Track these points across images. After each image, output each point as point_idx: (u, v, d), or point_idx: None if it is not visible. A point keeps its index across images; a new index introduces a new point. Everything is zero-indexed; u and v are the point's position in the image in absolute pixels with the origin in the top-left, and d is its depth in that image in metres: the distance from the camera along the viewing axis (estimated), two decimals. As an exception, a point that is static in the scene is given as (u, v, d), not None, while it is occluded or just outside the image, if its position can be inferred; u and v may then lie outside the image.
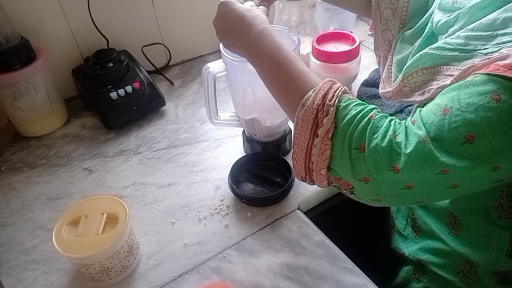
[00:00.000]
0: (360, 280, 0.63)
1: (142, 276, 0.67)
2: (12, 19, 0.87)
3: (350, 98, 0.51)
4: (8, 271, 0.69)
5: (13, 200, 0.81)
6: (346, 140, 0.49)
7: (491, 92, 0.42)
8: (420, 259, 0.68)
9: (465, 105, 0.44)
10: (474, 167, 0.44)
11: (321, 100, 0.50)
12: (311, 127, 0.51)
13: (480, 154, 0.43)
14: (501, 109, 0.42)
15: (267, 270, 0.65)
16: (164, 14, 1.11)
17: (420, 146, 0.45)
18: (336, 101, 0.50)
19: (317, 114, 0.50)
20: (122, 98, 0.96)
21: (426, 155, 0.45)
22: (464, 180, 0.46)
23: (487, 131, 0.42)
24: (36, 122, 0.95)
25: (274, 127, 0.82)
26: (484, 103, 0.42)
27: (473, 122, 0.43)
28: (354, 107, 0.50)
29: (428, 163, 0.45)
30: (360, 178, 0.49)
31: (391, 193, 0.49)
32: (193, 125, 0.97)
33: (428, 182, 0.47)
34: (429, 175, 0.46)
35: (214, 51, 1.24)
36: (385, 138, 0.47)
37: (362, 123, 0.48)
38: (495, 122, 0.42)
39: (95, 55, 0.99)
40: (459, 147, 0.44)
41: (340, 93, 0.51)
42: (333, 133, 0.49)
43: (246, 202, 0.76)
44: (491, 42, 0.48)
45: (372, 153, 0.47)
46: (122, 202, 0.65)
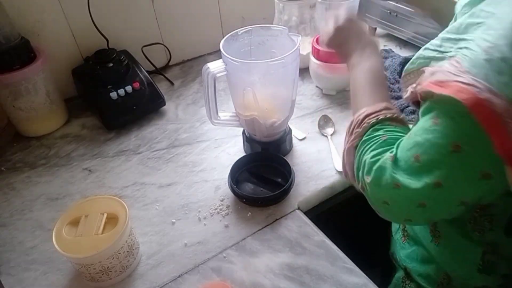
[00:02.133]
0: (360, 280, 0.63)
1: (142, 276, 0.67)
2: (12, 19, 0.87)
3: (391, 124, 0.56)
4: (8, 271, 0.69)
5: (13, 200, 0.81)
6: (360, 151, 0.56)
7: (432, 117, 0.47)
8: (407, 267, 0.69)
9: (418, 130, 0.49)
10: (419, 181, 0.47)
11: (364, 117, 0.57)
12: (349, 135, 0.59)
13: (424, 171, 0.47)
14: (437, 131, 0.46)
15: (267, 270, 0.65)
16: (164, 14, 1.11)
17: (383, 163, 0.51)
18: (372, 121, 0.56)
19: (355, 126, 0.58)
20: (122, 98, 0.96)
21: (385, 170, 0.51)
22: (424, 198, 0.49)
23: (428, 150, 0.47)
24: (36, 122, 0.95)
25: (274, 127, 0.82)
26: (427, 127, 0.47)
27: (419, 143, 0.48)
28: (383, 131, 0.55)
29: (385, 177, 0.50)
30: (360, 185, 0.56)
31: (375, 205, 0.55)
32: (193, 125, 0.97)
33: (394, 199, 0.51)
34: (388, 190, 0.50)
35: (214, 51, 1.24)
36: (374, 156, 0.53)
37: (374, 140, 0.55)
38: (434, 142, 0.46)
39: (95, 55, 0.99)
40: (409, 165, 0.49)
41: (383, 117, 0.56)
42: (356, 144, 0.57)
43: (246, 202, 0.76)
44: (455, 45, 0.49)
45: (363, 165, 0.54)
46: (122, 202, 0.65)
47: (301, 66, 1.10)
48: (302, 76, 1.10)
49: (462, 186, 0.46)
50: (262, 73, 0.74)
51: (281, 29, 0.78)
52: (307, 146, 0.88)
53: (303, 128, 0.93)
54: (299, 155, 0.87)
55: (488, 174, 0.44)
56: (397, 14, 1.12)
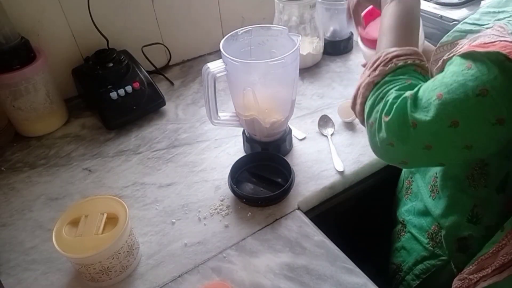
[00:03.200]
0: (360, 280, 0.63)
1: (142, 276, 0.67)
2: (12, 19, 0.87)
3: (416, 71, 0.57)
4: (8, 271, 0.69)
5: (13, 200, 0.81)
6: (380, 90, 0.56)
7: (466, 62, 0.49)
8: (404, 219, 0.74)
9: (447, 73, 0.51)
10: (436, 121, 0.49)
11: (392, 57, 0.58)
12: (372, 70, 0.59)
13: (443, 108, 0.49)
14: (469, 74, 0.48)
15: (267, 270, 0.65)
16: (164, 14, 1.11)
17: (403, 100, 0.53)
18: (400, 64, 0.57)
19: (381, 63, 0.58)
20: (122, 98, 0.96)
21: (405, 109, 0.52)
22: (433, 139, 0.51)
23: (454, 90, 0.49)
24: (36, 122, 0.95)
25: (274, 127, 0.82)
26: (458, 70, 0.49)
27: (446, 83, 0.50)
28: (408, 75, 0.56)
29: (404, 117, 0.52)
30: (369, 121, 0.57)
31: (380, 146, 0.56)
32: (193, 125, 0.97)
33: (404, 139, 0.53)
34: (404, 130, 0.52)
35: (214, 51, 1.24)
36: (397, 97, 0.53)
37: (399, 82, 0.56)
38: (462, 83, 0.48)
39: (95, 55, 0.99)
40: (430, 103, 0.50)
41: (411, 62, 0.57)
42: (378, 81, 0.57)
43: (246, 202, 0.76)
44: (495, 17, 0.52)
45: (383, 104, 0.55)
46: (122, 202, 0.65)
47: (301, 66, 1.10)
48: (302, 76, 1.10)
49: (476, 129, 0.49)
50: (262, 73, 0.74)
51: (281, 29, 0.78)
52: (307, 146, 0.88)
53: (303, 128, 0.93)
54: (299, 155, 0.87)
55: (502, 119, 0.47)
56: (397, 14, 1.12)
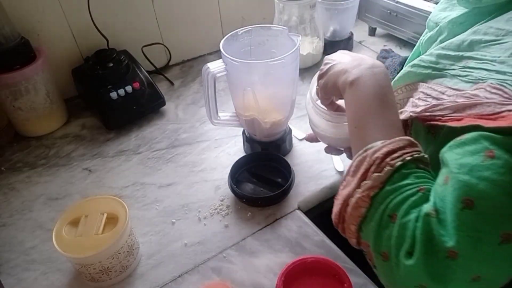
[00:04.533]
0: (360, 280, 0.63)
1: (142, 276, 0.66)
2: (12, 19, 0.87)
3: (420, 169, 0.44)
4: (8, 271, 0.69)
5: (13, 200, 0.81)
6: (384, 204, 0.42)
7: (482, 150, 0.38)
8: None
9: (459, 168, 0.39)
10: (482, 243, 0.37)
11: (383, 156, 0.44)
12: (360, 177, 0.45)
13: (484, 221, 0.37)
14: (497, 165, 0.37)
15: (267, 270, 0.65)
16: (164, 14, 1.11)
17: (426, 222, 0.39)
18: (398, 164, 0.43)
19: (370, 167, 0.44)
20: (122, 98, 0.96)
21: (432, 232, 0.38)
22: (482, 266, 0.37)
23: (487, 193, 0.37)
24: (36, 122, 0.95)
25: (274, 127, 0.82)
26: (477, 163, 0.38)
27: (469, 184, 0.37)
28: (413, 178, 0.43)
29: (434, 243, 0.38)
30: (380, 251, 0.42)
31: (402, 286, 0.42)
32: (193, 125, 0.97)
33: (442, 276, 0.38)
34: (440, 264, 0.38)
35: (214, 51, 1.24)
36: (418, 211, 0.41)
37: (408, 192, 0.42)
38: (495, 179, 0.37)
39: (95, 55, 0.99)
40: (460, 216, 0.37)
41: (410, 158, 0.43)
42: (375, 194, 0.43)
43: (246, 202, 0.76)
44: (459, 63, 0.47)
45: (400, 229, 0.40)
46: (122, 202, 0.65)
47: (301, 66, 1.10)
48: (302, 76, 1.10)
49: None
50: (262, 73, 0.74)
51: (281, 29, 0.78)
52: (307, 146, 0.88)
53: (303, 128, 0.93)
54: (299, 155, 0.87)
55: None
56: (397, 14, 1.12)
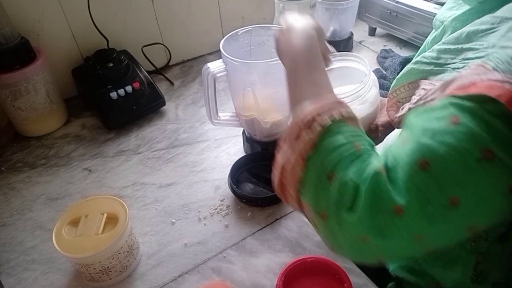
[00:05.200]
0: (360, 280, 0.63)
1: (142, 276, 0.66)
2: (12, 19, 0.87)
3: (348, 126, 0.44)
4: (8, 271, 0.69)
5: (13, 200, 0.81)
6: (319, 165, 0.42)
7: (448, 116, 0.38)
8: (398, 276, 0.67)
9: (423, 131, 0.39)
10: (429, 203, 0.37)
11: (312, 116, 0.44)
12: (293, 141, 0.44)
13: (435, 184, 0.37)
14: (460, 132, 0.37)
15: (267, 270, 0.65)
16: (164, 14, 1.11)
17: (375, 179, 0.39)
18: (328, 122, 0.43)
19: (302, 129, 0.44)
20: (122, 98, 0.96)
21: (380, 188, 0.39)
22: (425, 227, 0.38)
23: (444, 157, 0.37)
24: (36, 122, 0.95)
25: (274, 127, 0.82)
26: (441, 127, 0.38)
27: (429, 147, 0.38)
28: (344, 136, 0.43)
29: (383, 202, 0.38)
30: (319, 211, 0.42)
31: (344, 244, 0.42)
32: (193, 125, 0.97)
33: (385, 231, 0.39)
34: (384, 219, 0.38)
35: (214, 51, 1.24)
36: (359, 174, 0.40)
37: (342, 150, 0.42)
38: (456, 145, 0.37)
39: (95, 55, 0.99)
40: (413, 176, 0.38)
41: (341, 117, 0.43)
42: (309, 155, 0.42)
43: (246, 202, 0.76)
44: (459, 56, 0.47)
45: (339, 187, 0.40)
46: (122, 202, 0.65)
47: (301, 66, 1.10)
48: (302, 76, 1.10)
49: (484, 205, 0.37)
50: (262, 73, 0.74)
51: (281, 29, 0.78)
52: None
53: (303, 128, 0.93)
54: (299, 155, 0.87)
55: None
56: (397, 14, 1.12)
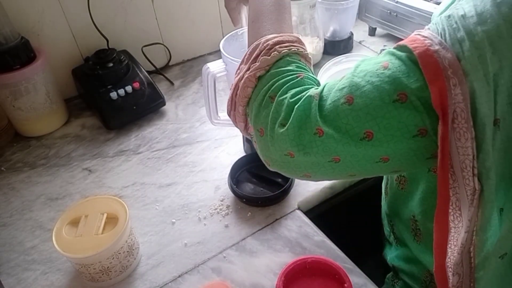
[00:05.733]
0: (360, 280, 0.63)
1: (142, 276, 0.66)
2: (12, 19, 0.87)
3: (301, 61, 0.50)
4: (8, 271, 0.69)
5: (13, 200, 0.81)
6: (267, 86, 0.48)
7: (382, 61, 0.43)
8: (394, 266, 0.68)
9: (358, 72, 0.44)
10: (346, 131, 0.43)
11: (273, 44, 0.49)
12: (251, 62, 0.50)
13: (354, 116, 0.42)
14: (385, 75, 0.42)
15: (267, 270, 0.65)
16: (164, 14, 1.11)
17: (307, 101, 0.45)
18: (284, 52, 0.49)
19: (261, 52, 0.50)
20: (122, 98, 0.96)
21: (309, 111, 0.44)
22: (342, 151, 0.44)
23: (367, 93, 0.42)
24: (36, 122, 0.95)
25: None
26: (373, 69, 0.43)
27: (358, 84, 0.43)
28: (295, 66, 0.49)
29: (309, 120, 0.44)
30: (258, 128, 0.48)
31: (275, 157, 0.48)
32: (193, 125, 0.97)
33: (308, 149, 0.44)
34: (307, 137, 0.44)
35: (214, 51, 1.24)
36: (296, 96, 0.46)
37: (289, 77, 0.48)
38: (378, 85, 0.42)
39: (95, 55, 0.99)
40: (338, 107, 0.43)
41: (295, 50, 0.50)
42: (261, 75, 0.49)
43: (246, 202, 0.76)
44: None
45: (276, 105, 0.46)
46: (122, 202, 0.65)
47: (301, 66, 1.10)
48: (302, 76, 1.10)
49: (394, 141, 0.42)
50: (262, 73, 0.74)
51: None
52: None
53: (303, 128, 0.93)
54: (299, 155, 0.87)
55: (424, 130, 0.41)
56: (397, 14, 1.12)
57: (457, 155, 0.40)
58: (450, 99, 0.39)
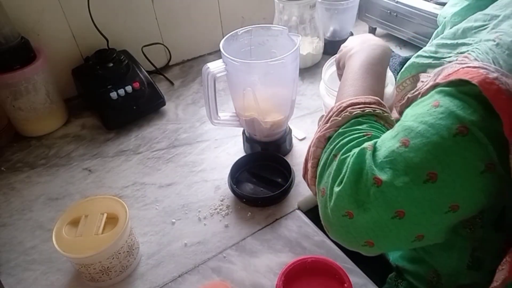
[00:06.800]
0: (360, 280, 0.63)
1: (142, 276, 0.67)
2: (12, 19, 0.87)
3: (377, 122, 0.48)
4: (8, 271, 0.69)
5: (13, 200, 0.81)
6: (333, 145, 0.46)
7: (431, 102, 0.42)
8: (398, 266, 0.68)
9: (408, 117, 0.43)
10: (405, 175, 0.40)
11: (347, 105, 0.48)
12: (323, 124, 0.50)
13: (412, 157, 0.40)
14: (438, 112, 0.40)
15: (267, 270, 0.65)
16: (164, 14, 1.11)
17: (361, 153, 0.43)
18: (356, 113, 0.47)
19: (333, 115, 0.49)
20: (122, 98, 0.96)
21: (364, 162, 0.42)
22: (404, 200, 0.40)
23: (423, 132, 0.40)
24: (36, 122, 0.95)
25: (274, 127, 0.82)
26: (423, 111, 0.42)
27: (410, 127, 0.42)
28: (366, 126, 0.47)
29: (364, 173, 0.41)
30: (320, 188, 0.46)
31: (333, 220, 0.45)
32: (193, 125, 0.97)
33: (365, 201, 0.41)
34: (365, 190, 0.41)
35: (214, 51, 1.24)
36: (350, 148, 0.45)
37: (355, 135, 0.46)
38: (433, 123, 0.40)
39: (95, 55, 0.99)
40: (394, 152, 0.41)
41: (370, 111, 0.48)
42: (330, 136, 0.48)
43: (246, 202, 0.76)
44: (454, 50, 0.49)
45: (338, 164, 0.44)
46: (122, 202, 0.65)
47: (301, 66, 1.10)
48: (302, 76, 1.10)
49: (460, 180, 0.39)
50: (262, 73, 0.74)
51: (281, 29, 0.78)
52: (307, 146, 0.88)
53: (303, 128, 0.93)
54: (299, 155, 0.87)
55: (492, 165, 0.38)
56: (397, 14, 1.12)
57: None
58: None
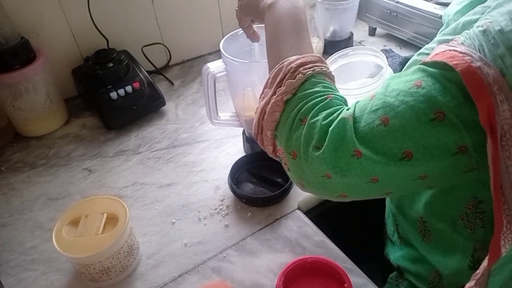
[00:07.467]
0: (360, 280, 0.63)
1: (142, 276, 0.66)
2: (12, 19, 0.87)
3: (326, 80, 0.51)
4: (8, 271, 0.69)
5: (13, 200, 0.81)
6: (296, 109, 0.48)
7: (414, 79, 0.43)
8: (400, 266, 0.68)
9: (390, 91, 0.44)
10: (384, 152, 0.43)
11: (297, 66, 0.50)
12: (276, 85, 0.50)
13: (391, 137, 0.42)
14: (419, 94, 0.42)
15: (267, 270, 0.65)
16: (164, 14, 1.11)
17: (341, 123, 0.45)
18: (309, 73, 0.49)
19: (285, 76, 0.50)
20: (122, 98, 0.96)
21: (345, 132, 0.44)
22: (380, 172, 0.44)
23: (403, 113, 0.42)
24: (36, 122, 0.95)
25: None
26: (405, 88, 0.43)
27: (391, 105, 0.43)
28: (322, 87, 0.49)
29: (345, 142, 0.44)
30: (290, 151, 0.48)
31: (311, 179, 0.48)
32: (193, 125, 0.97)
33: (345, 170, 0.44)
34: (345, 159, 0.44)
35: (214, 51, 1.24)
36: (328, 118, 0.46)
37: (318, 99, 0.48)
38: (413, 105, 0.42)
39: (95, 55, 0.99)
40: (374, 129, 0.43)
41: (319, 70, 0.50)
42: (288, 98, 0.49)
43: (246, 202, 0.76)
44: None
45: (308, 128, 0.46)
46: (122, 202, 0.65)
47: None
48: (302, 76, 1.10)
49: (433, 160, 0.42)
50: (262, 73, 0.74)
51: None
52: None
53: (303, 128, 0.93)
54: (299, 155, 0.87)
55: (464, 147, 0.41)
56: (397, 14, 1.12)
57: (507, 174, 0.40)
58: (498, 116, 0.38)
